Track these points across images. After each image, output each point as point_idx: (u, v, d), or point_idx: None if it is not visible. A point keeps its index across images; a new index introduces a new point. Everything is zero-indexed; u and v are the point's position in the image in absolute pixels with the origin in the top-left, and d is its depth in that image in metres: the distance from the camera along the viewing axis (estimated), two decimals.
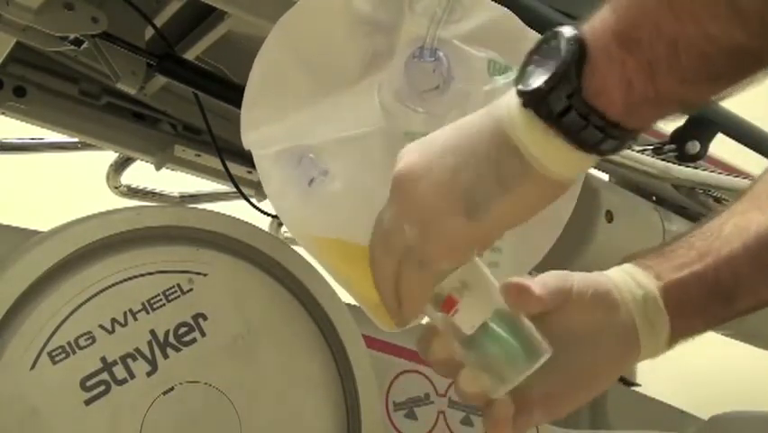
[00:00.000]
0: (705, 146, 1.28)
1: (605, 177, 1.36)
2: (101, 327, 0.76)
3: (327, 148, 0.74)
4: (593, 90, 0.50)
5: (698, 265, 0.62)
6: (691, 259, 0.62)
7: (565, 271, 0.63)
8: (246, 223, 0.88)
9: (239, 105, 0.76)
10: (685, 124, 1.29)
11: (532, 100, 0.52)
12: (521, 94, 0.53)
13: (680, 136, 1.28)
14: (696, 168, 1.28)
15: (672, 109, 0.52)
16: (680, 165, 1.26)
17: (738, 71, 0.50)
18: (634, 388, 1.57)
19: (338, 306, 0.89)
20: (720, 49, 0.47)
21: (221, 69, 1.13)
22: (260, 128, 0.76)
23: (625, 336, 0.62)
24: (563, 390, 0.63)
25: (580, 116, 0.50)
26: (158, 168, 1.40)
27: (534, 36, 0.76)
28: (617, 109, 0.50)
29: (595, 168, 1.23)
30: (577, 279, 0.62)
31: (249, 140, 0.76)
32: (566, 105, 0.50)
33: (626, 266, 0.64)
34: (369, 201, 0.62)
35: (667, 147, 1.29)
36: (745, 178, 1.36)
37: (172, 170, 1.40)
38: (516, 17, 0.78)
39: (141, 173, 1.56)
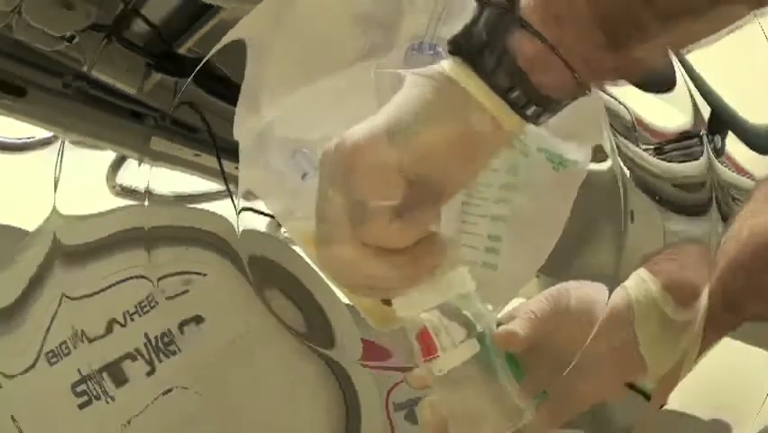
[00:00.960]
0: (723, 143, 1.28)
1: None
2: (97, 328, 0.76)
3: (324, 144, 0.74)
4: None
5: (714, 274, 0.62)
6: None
7: (562, 288, 0.62)
8: None
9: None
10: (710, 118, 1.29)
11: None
12: None
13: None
14: None
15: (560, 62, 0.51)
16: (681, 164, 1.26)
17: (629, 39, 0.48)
18: None
19: (338, 306, 0.88)
20: None
21: (219, 68, 1.13)
22: (254, 122, 0.76)
23: (626, 359, 0.62)
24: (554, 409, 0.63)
25: (486, 33, 0.51)
26: (152, 166, 1.39)
27: None
28: None
29: None
30: (574, 299, 0.61)
31: (243, 132, 0.76)
32: (476, 16, 0.52)
33: (645, 276, 0.63)
34: None
35: (668, 147, 1.28)
36: (747, 177, 1.36)
37: (170, 169, 1.40)
38: None
39: (141, 173, 1.55)
